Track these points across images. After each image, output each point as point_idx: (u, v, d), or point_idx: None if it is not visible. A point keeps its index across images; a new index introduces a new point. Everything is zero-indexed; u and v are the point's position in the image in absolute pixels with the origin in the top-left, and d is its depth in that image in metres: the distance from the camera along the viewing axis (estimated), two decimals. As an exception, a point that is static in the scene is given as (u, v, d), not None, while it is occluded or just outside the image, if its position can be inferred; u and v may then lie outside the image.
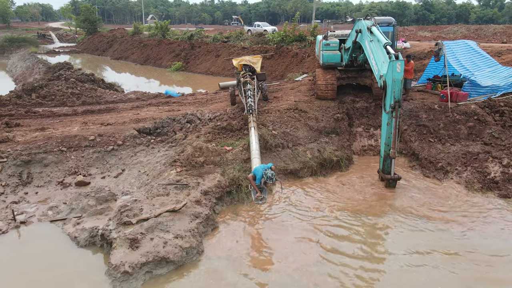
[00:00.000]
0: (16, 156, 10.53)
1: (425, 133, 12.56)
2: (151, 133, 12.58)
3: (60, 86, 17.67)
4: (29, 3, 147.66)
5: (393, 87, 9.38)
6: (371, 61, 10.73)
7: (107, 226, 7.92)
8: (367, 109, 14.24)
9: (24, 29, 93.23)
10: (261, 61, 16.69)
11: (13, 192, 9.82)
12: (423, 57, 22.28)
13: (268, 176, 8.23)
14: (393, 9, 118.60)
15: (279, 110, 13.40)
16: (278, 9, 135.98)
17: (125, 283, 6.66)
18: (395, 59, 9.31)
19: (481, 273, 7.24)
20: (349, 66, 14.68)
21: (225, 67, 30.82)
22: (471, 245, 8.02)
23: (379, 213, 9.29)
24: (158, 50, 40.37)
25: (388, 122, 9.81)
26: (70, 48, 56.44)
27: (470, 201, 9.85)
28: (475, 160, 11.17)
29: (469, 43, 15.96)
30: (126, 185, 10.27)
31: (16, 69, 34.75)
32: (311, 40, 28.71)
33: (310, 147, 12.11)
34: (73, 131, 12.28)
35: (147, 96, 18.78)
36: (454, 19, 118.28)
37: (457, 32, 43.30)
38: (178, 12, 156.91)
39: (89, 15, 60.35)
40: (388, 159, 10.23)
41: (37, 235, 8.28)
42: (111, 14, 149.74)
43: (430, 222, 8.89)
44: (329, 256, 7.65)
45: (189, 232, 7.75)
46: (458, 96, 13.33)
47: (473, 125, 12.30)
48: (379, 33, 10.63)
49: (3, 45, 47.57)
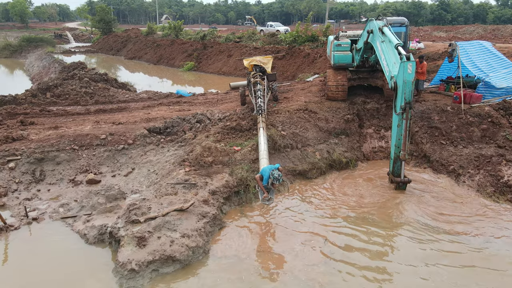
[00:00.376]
0: (30, 154, 10.76)
1: (437, 135, 12.37)
2: (161, 132, 12.69)
3: (74, 85, 17.99)
4: (47, 4, 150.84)
5: (403, 88, 9.27)
6: (382, 62, 10.63)
7: (116, 224, 8.03)
8: (378, 110, 14.10)
9: (42, 29, 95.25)
10: (271, 62, 16.69)
11: (26, 189, 10.05)
12: (437, 58, 21.94)
13: (274, 177, 8.22)
14: (408, 9, 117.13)
15: (289, 111, 13.37)
16: (291, 9, 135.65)
17: (132, 281, 6.75)
18: (406, 60, 9.19)
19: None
20: (360, 67, 14.57)
21: (237, 67, 30.90)
22: (490, 255, 7.69)
23: (388, 217, 9.19)
24: (171, 50, 40.71)
25: (399, 124, 9.71)
26: (85, 48, 57.38)
27: (484, 206, 9.63)
28: (488, 163, 10.94)
29: (484, 43, 15.65)
30: (135, 183, 10.40)
31: (33, 69, 35.51)
32: (324, 40, 28.55)
33: (319, 148, 12.06)
34: (85, 130, 12.48)
35: (158, 95, 18.97)
36: (471, 19, 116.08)
37: (473, 33, 42.50)
38: (192, 12, 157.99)
39: (104, 15, 61.22)
40: (398, 162, 10.11)
41: (48, 231, 8.45)
42: (126, 15, 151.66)
43: (442, 228, 8.65)
44: (336, 257, 7.60)
45: (195, 232, 7.80)
46: (472, 97, 13.08)
47: (487, 127, 12.06)
48: (391, 33, 10.52)
49: (21, 45, 48.59)
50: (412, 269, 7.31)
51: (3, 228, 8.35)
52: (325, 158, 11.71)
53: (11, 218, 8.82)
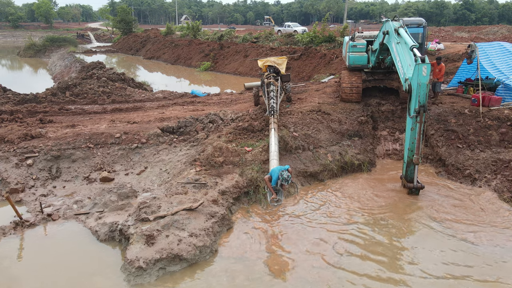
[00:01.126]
0: (47, 151, 11.07)
1: (453, 138, 12.08)
2: (174, 132, 12.85)
3: (92, 84, 18.41)
4: (71, 5, 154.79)
5: (418, 91, 9.08)
6: (397, 63, 10.46)
7: (126, 222, 8.18)
8: (393, 112, 13.88)
9: (65, 29, 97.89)
10: (286, 62, 16.64)
11: (43, 186, 10.34)
12: (457, 59, 21.38)
13: (283, 178, 8.21)
14: (430, 9, 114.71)
15: (302, 112, 13.31)
16: (311, 9, 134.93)
17: (139, 278, 6.85)
18: (421, 62, 9.01)
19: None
20: (375, 68, 14.37)
21: (253, 68, 30.95)
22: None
23: (401, 221, 9.04)
24: (188, 50, 41.14)
25: (412, 127, 9.52)
26: (106, 48, 58.64)
27: (505, 213, 9.32)
28: (506, 168, 10.62)
29: (505, 44, 15.18)
30: (147, 182, 10.56)
31: (55, 68, 36.52)
32: (341, 41, 28.30)
33: (332, 149, 11.96)
34: (101, 129, 12.75)
35: (173, 95, 19.20)
36: (496, 19, 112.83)
37: (497, 33, 41.19)
38: (211, 13, 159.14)
39: (125, 15, 62.44)
40: (412, 165, 9.92)
41: (61, 227, 8.66)
42: (146, 15, 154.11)
43: (459, 237, 8.40)
44: (345, 260, 7.52)
45: (203, 231, 7.86)
46: (491, 100, 12.72)
47: (506, 131, 11.70)
48: (407, 35, 10.34)
49: (45, 44, 50.09)
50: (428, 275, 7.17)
51: (19, 223, 8.62)
52: (337, 160, 11.60)
53: (27, 214, 9.10)
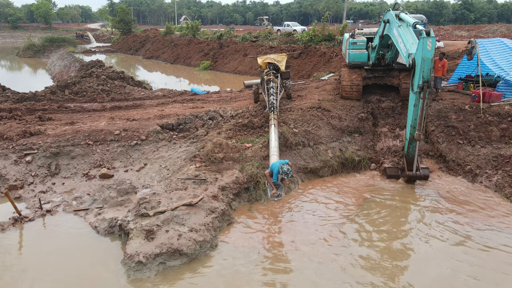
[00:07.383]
0: (46, 148, 11.02)
1: (454, 134, 12.04)
2: (174, 129, 12.80)
3: (92, 83, 18.36)
4: (70, 5, 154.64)
5: (422, 65, 8.83)
6: (399, 45, 10.31)
7: (126, 217, 8.14)
8: (393, 109, 13.84)
9: (65, 30, 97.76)
10: (285, 60, 16.59)
11: (42, 182, 10.29)
12: (457, 57, 21.34)
13: (284, 171, 8.16)
14: (429, 9, 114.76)
15: (302, 109, 13.27)
16: (310, 9, 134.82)
17: (139, 273, 6.81)
18: (426, 35, 8.72)
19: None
20: (376, 66, 14.28)
21: (252, 66, 30.91)
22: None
23: (403, 216, 9.01)
24: (188, 50, 41.10)
25: (415, 103, 9.33)
26: (105, 48, 58.57)
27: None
28: (507, 163, 10.58)
29: (505, 41, 15.15)
30: (147, 178, 10.52)
31: (54, 68, 36.44)
32: (340, 39, 28.26)
33: (332, 146, 11.92)
34: (100, 126, 12.70)
35: (173, 93, 19.14)
36: (495, 18, 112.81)
37: (496, 32, 41.13)
38: (210, 13, 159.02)
39: (124, 16, 62.33)
40: (414, 142, 9.77)
41: (60, 223, 8.62)
42: (146, 15, 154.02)
43: (465, 234, 8.37)
44: (347, 257, 7.49)
45: (203, 226, 7.82)
46: (491, 96, 12.68)
47: (507, 127, 11.67)
48: (408, 16, 10.26)
49: (44, 45, 49.96)
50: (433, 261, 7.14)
51: (18, 219, 8.58)
52: (337, 156, 11.56)
53: (26, 210, 9.05)
